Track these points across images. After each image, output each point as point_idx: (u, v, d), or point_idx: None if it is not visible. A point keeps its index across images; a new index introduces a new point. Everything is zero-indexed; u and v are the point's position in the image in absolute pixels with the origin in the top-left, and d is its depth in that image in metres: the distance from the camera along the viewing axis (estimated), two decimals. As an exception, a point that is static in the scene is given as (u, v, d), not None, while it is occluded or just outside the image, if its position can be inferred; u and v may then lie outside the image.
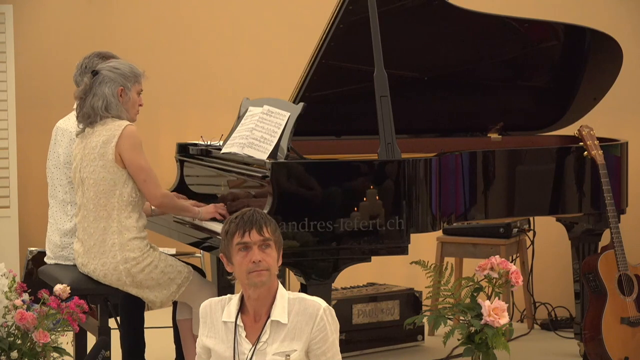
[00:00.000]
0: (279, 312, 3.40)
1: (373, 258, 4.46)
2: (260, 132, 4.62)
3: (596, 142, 5.15)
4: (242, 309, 3.46)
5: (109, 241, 4.40)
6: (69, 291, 4.04)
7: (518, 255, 6.23)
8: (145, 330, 5.03)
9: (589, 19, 5.88)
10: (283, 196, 4.32)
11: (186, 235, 4.81)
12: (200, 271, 4.69)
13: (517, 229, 6.11)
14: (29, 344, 3.85)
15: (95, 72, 4.49)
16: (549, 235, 6.23)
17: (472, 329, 4.11)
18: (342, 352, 3.48)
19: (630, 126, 6.38)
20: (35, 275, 5.77)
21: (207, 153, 5.16)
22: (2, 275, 3.91)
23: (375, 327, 5.68)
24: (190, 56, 7.16)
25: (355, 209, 4.38)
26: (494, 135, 5.73)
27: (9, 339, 3.85)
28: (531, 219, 6.18)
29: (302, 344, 3.38)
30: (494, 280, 4.21)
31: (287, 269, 4.94)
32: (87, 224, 4.46)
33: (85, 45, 6.07)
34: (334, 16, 4.85)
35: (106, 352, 4.15)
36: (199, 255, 6.57)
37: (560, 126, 5.79)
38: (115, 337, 4.69)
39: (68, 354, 3.98)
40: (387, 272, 6.51)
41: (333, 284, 4.45)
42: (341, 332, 3.50)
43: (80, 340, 4.61)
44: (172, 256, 4.58)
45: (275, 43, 7.00)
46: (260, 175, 4.45)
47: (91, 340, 4.48)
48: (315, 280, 4.36)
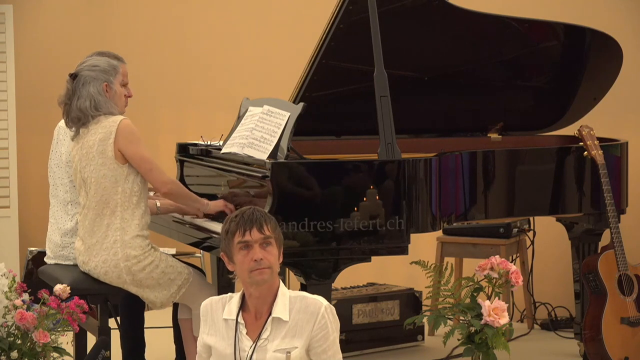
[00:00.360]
0: (280, 309, 3.40)
1: (373, 258, 4.45)
2: (260, 132, 4.61)
3: (596, 142, 5.14)
4: (243, 306, 3.46)
5: (110, 238, 4.40)
6: (69, 291, 4.04)
7: (518, 255, 6.23)
8: (145, 330, 5.03)
9: (589, 19, 5.88)
10: (283, 196, 4.32)
11: (186, 235, 4.81)
12: (200, 271, 4.69)
13: (517, 229, 6.11)
14: (29, 344, 3.85)
15: (75, 75, 4.50)
16: (549, 235, 6.22)
17: (472, 329, 4.11)
18: (342, 352, 3.47)
19: (630, 126, 6.38)
20: (35, 275, 5.77)
21: (207, 153, 5.16)
22: (2, 275, 3.91)
23: (375, 327, 5.68)
24: (190, 56, 7.16)
25: (355, 209, 4.38)
26: (494, 135, 5.72)
27: (9, 339, 3.85)
28: (531, 219, 6.18)
29: (303, 341, 3.38)
30: (494, 280, 4.20)
31: (287, 269, 4.94)
32: (90, 222, 4.45)
33: (85, 45, 6.08)
34: (334, 16, 4.85)
35: (106, 352, 4.15)
36: (199, 255, 6.57)
37: (560, 126, 5.78)
38: (115, 337, 4.69)
39: (68, 354, 3.98)
40: (387, 272, 6.51)
41: (333, 284, 4.45)
42: (341, 332, 3.49)
43: (80, 340, 4.61)
44: (173, 257, 4.58)
45: (276, 43, 7.00)
46: (260, 175, 4.45)
47: (91, 340, 4.48)
48: (315, 280, 4.36)
